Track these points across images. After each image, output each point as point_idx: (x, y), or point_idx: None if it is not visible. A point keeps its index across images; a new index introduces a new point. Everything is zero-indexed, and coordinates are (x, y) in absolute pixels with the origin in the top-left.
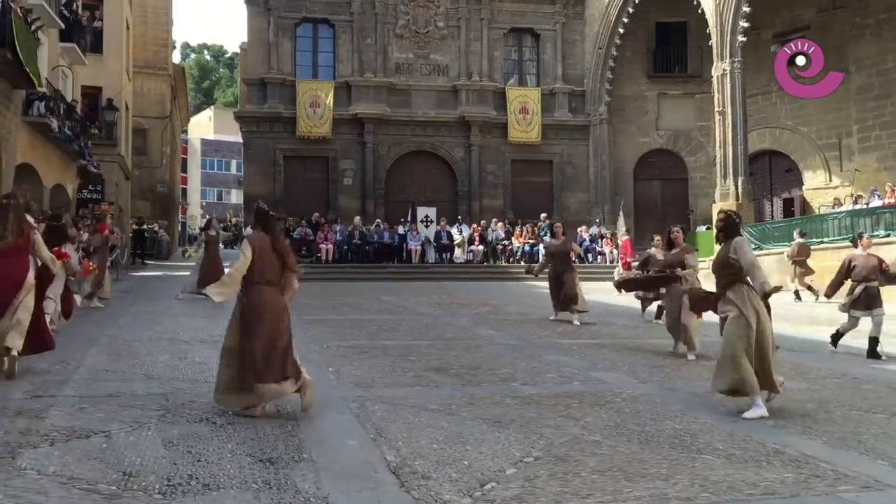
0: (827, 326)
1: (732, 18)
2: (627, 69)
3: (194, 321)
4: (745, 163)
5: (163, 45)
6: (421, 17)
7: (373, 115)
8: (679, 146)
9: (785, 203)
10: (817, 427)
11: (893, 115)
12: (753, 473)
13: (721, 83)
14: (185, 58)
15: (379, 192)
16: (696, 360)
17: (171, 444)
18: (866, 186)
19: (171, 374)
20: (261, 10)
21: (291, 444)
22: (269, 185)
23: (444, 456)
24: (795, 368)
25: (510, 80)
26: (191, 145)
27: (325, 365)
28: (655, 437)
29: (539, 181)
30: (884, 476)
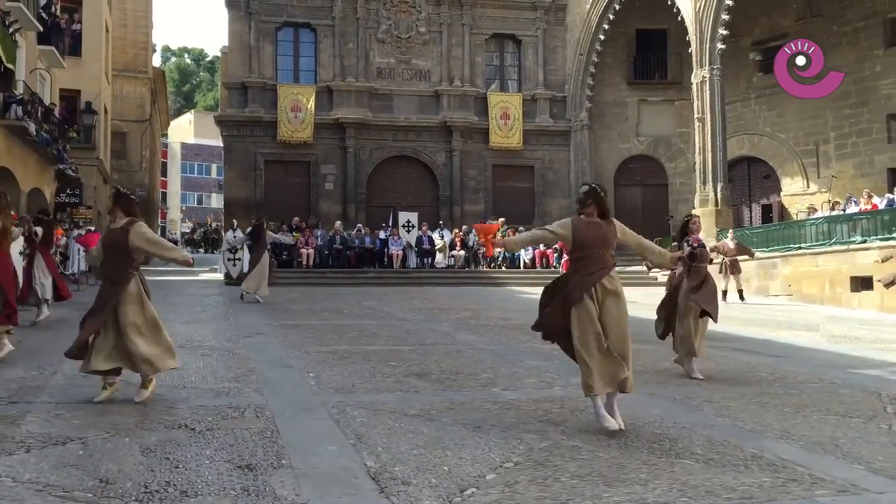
0: (805, 331)
1: (712, 26)
2: (608, 75)
3: (172, 326)
4: (724, 169)
5: (142, 48)
6: (403, 22)
7: (354, 119)
8: (659, 152)
9: (763, 209)
10: (795, 431)
11: (870, 123)
12: (731, 478)
13: (700, 90)
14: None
15: (360, 196)
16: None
17: (148, 451)
18: (843, 193)
19: None
20: (242, 13)
21: (270, 450)
22: (250, 190)
23: (423, 461)
24: (774, 373)
25: (492, 86)
26: (171, 149)
27: (306, 370)
28: (634, 442)
29: (520, 186)
30: (860, 480)
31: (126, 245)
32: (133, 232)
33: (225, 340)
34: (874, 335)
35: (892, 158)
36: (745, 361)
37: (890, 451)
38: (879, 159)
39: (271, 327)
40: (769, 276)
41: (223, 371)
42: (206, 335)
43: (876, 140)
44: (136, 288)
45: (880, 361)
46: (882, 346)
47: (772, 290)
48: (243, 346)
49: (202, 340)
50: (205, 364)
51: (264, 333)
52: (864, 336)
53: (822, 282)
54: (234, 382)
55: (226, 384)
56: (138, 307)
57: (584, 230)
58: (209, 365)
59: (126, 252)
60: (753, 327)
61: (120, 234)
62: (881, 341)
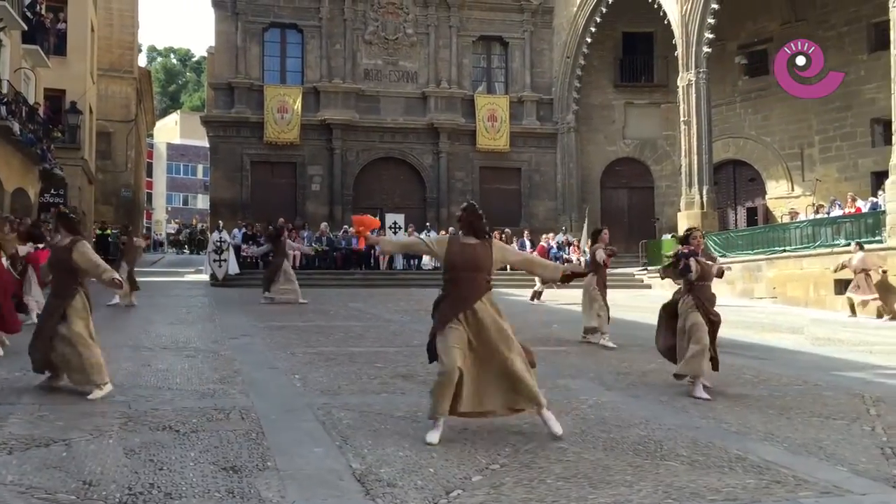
0: (790, 334)
1: (698, 30)
2: (595, 78)
3: (158, 328)
4: (709, 172)
5: (128, 48)
6: (390, 23)
7: (341, 121)
8: (645, 155)
9: (748, 212)
10: (779, 433)
11: (854, 127)
12: (716, 479)
13: (686, 93)
14: (152, 61)
15: (347, 198)
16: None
17: (132, 453)
18: (827, 196)
19: (134, 382)
20: (228, 14)
21: (256, 451)
22: (236, 191)
23: (409, 463)
24: (758, 375)
25: (479, 88)
26: (156, 149)
27: (291, 372)
28: (620, 444)
29: (507, 188)
30: (843, 482)
31: (70, 262)
32: (76, 251)
33: (210, 342)
34: (858, 338)
35: (875, 162)
36: (729, 364)
37: (873, 452)
38: (863, 163)
39: (257, 329)
40: (754, 279)
41: (208, 372)
42: (192, 336)
43: (860, 144)
44: (82, 303)
45: (864, 364)
46: (865, 349)
47: (756, 292)
48: (229, 347)
49: (187, 342)
50: (190, 365)
51: (250, 335)
52: (847, 339)
53: (806, 284)
54: (220, 384)
55: (211, 386)
56: (82, 322)
57: (457, 251)
58: (194, 366)
59: (71, 269)
60: (738, 329)
61: (64, 252)
62: (864, 344)
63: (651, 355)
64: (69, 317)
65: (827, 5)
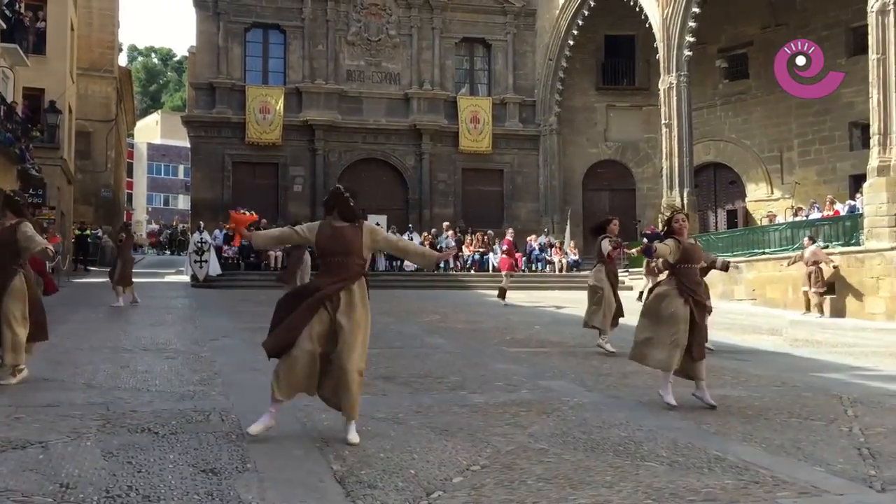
0: (769, 335)
1: (679, 33)
2: (577, 80)
3: (138, 329)
4: (690, 174)
5: (108, 48)
6: (373, 24)
7: (323, 121)
8: (627, 157)
9: (729, 214)
10: (757, 434)
11: (832, 130)
12: (695, 480)
13: (668, 96)
14: (132, 60)
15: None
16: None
17: (110, 455)
18: (806, 199)
19: (113, 384)
20: (210, 14)
21: (235, 453)
22: (218, 191)
23: (390, 465)
24: (738, 376)
25: (461, 90)
26: (137, 149)
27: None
28: (601, 445)
29: (490, 190)
30: (821, 482)
31: (15, 244)
32: (19, 231)
33: (191, 343)
34: (835, 339)
35: (853, 165)
36: (709, 364)
37: (850, 453)
38: (842, 166)
39: (238, 330)
40: (733, 281)
41: (188, 374)
42: (172, 338)
43: (838, 147)
44: (21, 283)
45: (841, 365)
46: (843, 350)
47: (736, 294)
48: (209, 348)
49: (167, 343)
50: (169, 367)
51: (231, 336)
52: (825, 340)
53: (784, 286)
54: (200, 386)
55: (191, 387)
56: (20, 302)
57: (328, 236)
58: (174, 368)
59: (12, 248)
60: (718, 331)
61: (9, 233)
62: (842, 345)
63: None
64: (8, 297)
65: (807, 10)
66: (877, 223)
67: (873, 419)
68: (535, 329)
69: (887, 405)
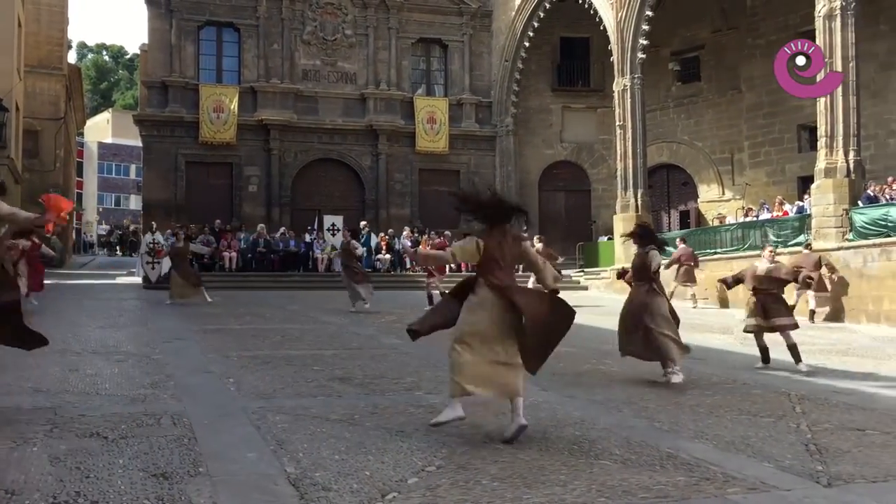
0: (720, 334)
1: (633, 36)
2: (533, 82)
3: (87, 332)
4: (644, 176)
5: (57, 45)
6: (329, 24)
7: (279, 121)
8: (582, 158)
9: (681, 215)
10: (709, 431)
11: (781, 133)
12: (647, 477)
13: (622, 98)
14: (82, 58)
15: (285, 199)
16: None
17: (57, 461)
18: (756, 200)
19: (61, 387)
20: (162, 11)
21: (187, 457)
22: (170, 191)
23: (345, 466)
24: (690, 375)
25: (418, 90)
26: (87, 148)
27: (226, 375)
28: (555, 444)
29: (447, 190)
30: (769, 477)
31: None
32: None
33: (142, 346)
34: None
35: (801, 167)
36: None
37: (798, 449)
38: (790, 168)
39: (191, 332)
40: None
41: (139, 377)
42: (122, 340)
43: (787, 149)
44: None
45: (789, 362)
46: None
47: (689, 293)
48: (161, 351)
49: (118, 346)
50: (120, 370)
51: (184, 338)
52: (774, 338)
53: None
54: (151, 389)
55: (142, 391)
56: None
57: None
58: (124, 371)
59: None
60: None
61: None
62: None
63: (585, 355)
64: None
65: (757, 14)
66: (824, 223)
67: (820, 415)
68: None
69: (834, 402)
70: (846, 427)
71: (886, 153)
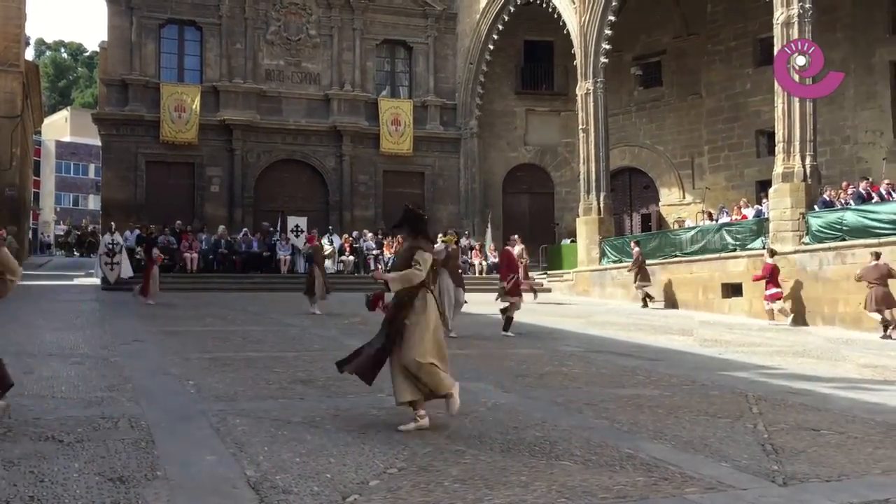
0: (679, 336)
1: (596, 40)
2: (497, 84)
3: (43, 333)
4: (606, 179)
5: (14, 41)
6: (293, 24)
7: (241, 121)
8: (546, 161)
9: (643, 218)
10: (667, 431)
11: (740, 138)
12: (607, 478)
13: (585, 102)
14: (40, 55)
15: (248, 200)
16: None
17: (11, 465)
18: (716, 204)
19: (15, 390)
20: (123, 8)
21: (144, 461)
22: (130, 191)
23: (306, 469)
24: (649, 376)
25: (383, 92)
26: (44, 147)
27: (185, 378)
28: (517, 445)
29: (411, 192)
30: (726, 477)
31: None
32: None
33: (100, 348)
34: (742, 339)
35: (760, 171)
36: (622, 365)
37: (754, 449)
38: (749, 172)
39: (150, 334)
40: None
41: (96, 380)
42: (79, 342)
43: (746, 154)
44: None
45: (747, 364)
46: (749, 350)
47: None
48: (119, 353)
49: (74, 348)
50: (76, 373)
51: (143, 340)
52: (733, 340)
53: (695, 288)
54: (108, 392)
55: (98, 394)
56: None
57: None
58: (81, 374)
59: None
60: (631, 332)
61: None
62: (748, 344)
63: (549, 357)
64: None
65: (717, 21)
66: (781, 227)
67: (776, 416)
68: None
69: (790, 402)
70: (801, 427)
71: (842, 158)
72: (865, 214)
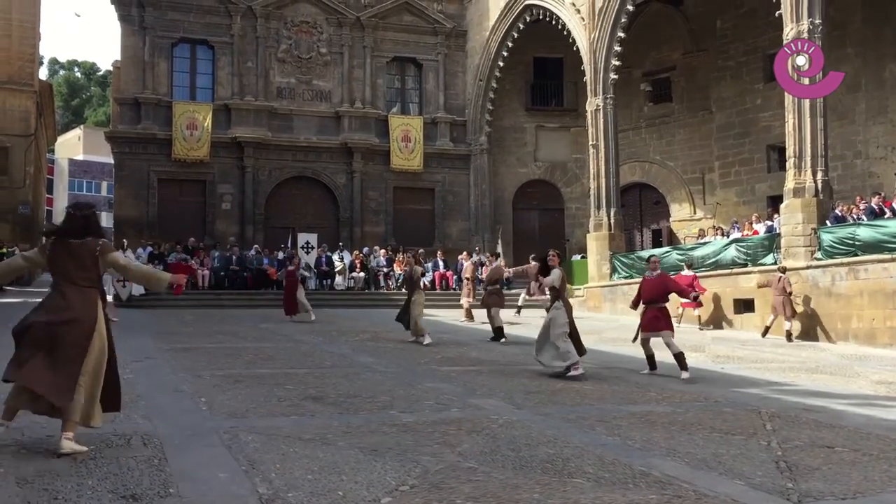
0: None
1: (605, 56)
2: (507, 101)
3: None
4: (617, 194)
5: (29, 60)
6: (303, 42)
7: (253, 139)
8: (556, 177)
9: (654, 233)
10: (681, 449)
11: (751, 153)
12: (620, 495)
13: (595, 118)
14: (54, 74)
15: (259, 217)
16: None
17: (25, 483)
18: (727, 219)
19: None
20: (136, 28)
21: (157, 478)
22: (142, 209)
23: (318, 486)
24: (662, 393)
25: (393, 108)
26: (58, 165)
27: (197, 395)
28: (529, 463)
29: (421, 209)
30: (740, 495)
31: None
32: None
33: None
34: (755, 355)
35: (771, 187)
36: (635, 382)
37: (768, 466)
38: (760, 187)
39: (162, 351)
40: None
41: None
42: None
43: (756, 169)
44: None
45: (760, 380)
46: (762, 366)
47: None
48: (132, 370)
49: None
50: None
51: (154, 357)
52: (745, 356)
53: (707, 304)
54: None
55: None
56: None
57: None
58: None
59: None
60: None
61: None
62: (761, 361)
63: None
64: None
65: (726, 37)
66: (793, 242)
67: (790, 433)
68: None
69: (804, 419)
70: (816, 444)
71: (853, 173)
72: (878, 229)
